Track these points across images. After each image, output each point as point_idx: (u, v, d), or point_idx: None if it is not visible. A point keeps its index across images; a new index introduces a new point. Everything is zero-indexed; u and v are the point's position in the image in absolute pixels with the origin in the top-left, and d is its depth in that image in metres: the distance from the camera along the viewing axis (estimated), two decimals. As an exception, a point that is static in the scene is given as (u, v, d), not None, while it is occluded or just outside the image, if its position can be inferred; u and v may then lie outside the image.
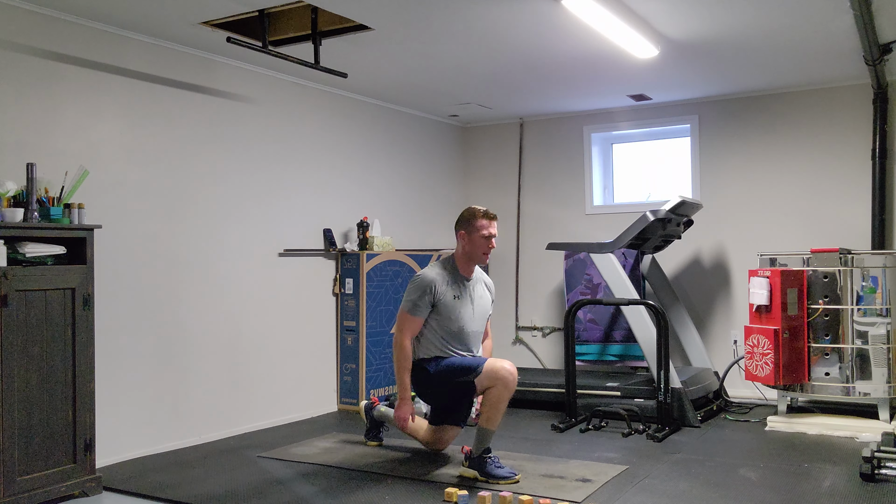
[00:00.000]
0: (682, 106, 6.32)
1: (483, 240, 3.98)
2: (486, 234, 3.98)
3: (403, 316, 3.96)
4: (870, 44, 4.45)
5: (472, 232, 4.00)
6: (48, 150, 3.93)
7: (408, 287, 4.01)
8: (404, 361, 3.93)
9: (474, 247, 4.01)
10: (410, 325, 3.94)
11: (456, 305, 3.99)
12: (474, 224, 3.99)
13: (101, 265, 4.00)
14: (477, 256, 4.04)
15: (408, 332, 3.94)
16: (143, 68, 4.42)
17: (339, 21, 4.24)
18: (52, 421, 3.52)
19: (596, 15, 3.96)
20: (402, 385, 3.95)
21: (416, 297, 3.92)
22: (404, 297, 4.00)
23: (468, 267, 4.09)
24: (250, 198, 5.08)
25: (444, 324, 3.98)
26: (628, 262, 5.89)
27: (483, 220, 3.99)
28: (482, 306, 4.14)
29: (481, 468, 3.79)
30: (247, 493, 3.66)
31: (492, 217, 4.01)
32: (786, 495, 3.53)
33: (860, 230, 5.62)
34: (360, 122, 6.02)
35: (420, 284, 3.95)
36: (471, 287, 4.10)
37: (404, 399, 3.96)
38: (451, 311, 3.97)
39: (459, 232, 4.05)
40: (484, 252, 4.02)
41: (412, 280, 4.01)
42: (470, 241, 4.01)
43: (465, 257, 4.06)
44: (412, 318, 3.94)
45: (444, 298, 3.96)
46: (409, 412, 3.98)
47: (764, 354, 4.81)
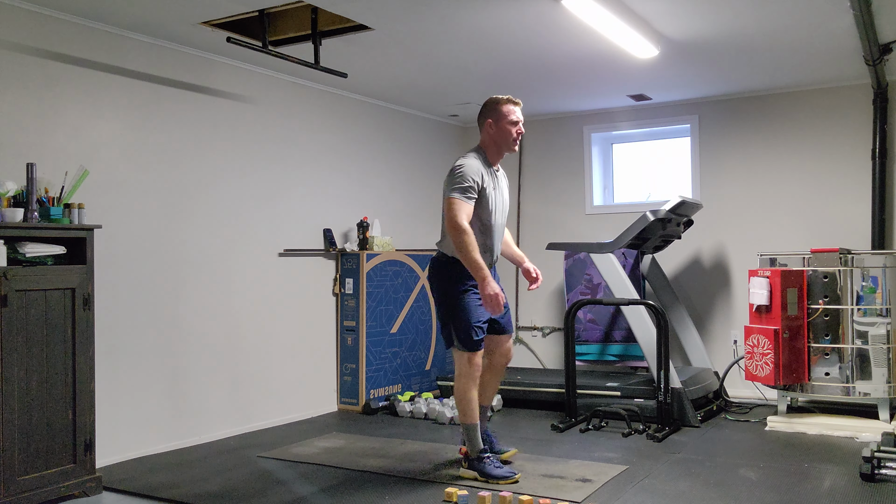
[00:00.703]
0: (682, 106, 6.32)
1: (511, 125, 3.84)
2: (514, 119, 3.84)
3: (457, 202, 3.68)
4: (870, 44, 4.45)
5: (499, 119, 3.85)
6: (48, 150, 3.93)
7: (452, 175, 3.75)
8: (471, 241, 3.65)
9: (503, 134, 3.86)
10: (466, 209, 3.69)
11: (492, 196, 3.84)
12: (500, 111, 3.84)
13: (101, 265, 4.00)
14: (507, 143, 3.88)
15: (465, 216, 3.68)
16: (143, 68, 4.42)
17: (339, 21, 4.24)
18: (52, 421, 3.52)
19: (596, 15, 3.96)
20: (477, 265, 3.64)
21: (469, 184, 3.70)
22: (451, 184, 3.73)
23: (497, 157, 3.93)
24: (250, 198, 5.08)
25: (482, 215, 3.80)
26: (628, 262, 5.89)
27: (509, 106, 3.85)
28: (507, 198, 4.03)
29: (480, 469, 3.78)
30: (247, 493, 3.66)
31: (517, 102, 3.90)
32: (786, 495, 3.53)
33: (860, 230, 5.62)
34: (360, 122, 6.02)
35: (468, 172, 3.73)
36: (499, 178, 3.98)
37: (485, 278, 3.64)
38: (489, 201, 3.81)
39: (486, 121, 3.87)
40: (514, 138, 3.87)
41: (456, 167, 3.76)
42: (498, 128, 3.85)
43: (495, 146, 3.90)
44: (467, 203, 3.70)
45: (486, 188, 3.79)
46: (496, 287, 3.67)
47: (764, 354, 4.81)
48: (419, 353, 6.16)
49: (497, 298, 3.66)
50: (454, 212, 3.68)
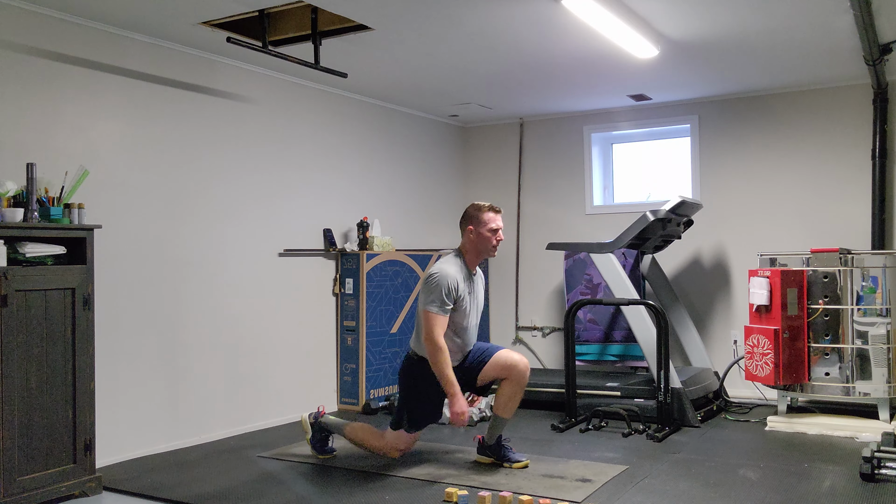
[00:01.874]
0: (682, 106, 6.32)
1: (491, 233, 4.00)
2: (494, 227, 4.00)
3: (432, 317, 3.85)
4: (870, 44, 4.44)
5: (479, 227, 4.00)
6: (48, 150, 3.93)
7: (428, 285, 3.89)
8: (445, 358, 3.83)
9: (483, 241, 4.01)
10: (442, 323, 3.85)
11: (468, 301, 4.00)
12: (481, 218, 4.00)
13: (101, 265, 4.00)
14: (486, 250, 4.04)
15: (440, 330, 3.85)
16: (143, 68, 4.42)
17: (339, 21, 4.24)
18: (52, 421, 3.52)
19: (596, 15, 3.96)
20: (449, 382, 3.83)
21: (444, 296, 3.84)
22: (426, 296, 3.89)
23: (476, 261, 4.10)
24: (250, 198, 5.08)
25: (458, 320, 3.96)
26: (628, 262, 5.89)
27: (489, 214, 4.01)
28: (481, 300, 4.19)
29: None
30: (247, 493, 3.66)
31: (497, 210, 4.05)
32: (786, 495, 3.53)
33: (860, 230, 5.62)
34: (360, 123, 6.02)
35: (443, 282, 3.86)
36: (475, 281, 4.13)
37: (455, 395, 3.83)
38: (465, 307, 3.97)
39: (467, 227, 4.03)
40: (493, 245, 4.02)
41: (432, 277, 3.89)
42: (478, 235, 4.01)
43: (475, 252, 4.05)
44: (443, 317, 3.86)
45: (462, 295, 3.94)
46: (465, 405, 3.85)
47: (764, 354, 4.81)
48: (419, 353, 6.15)
49: (462, 417, 3.85)
50: (430, 326, 3.85)
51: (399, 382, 4.16)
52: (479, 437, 4.17)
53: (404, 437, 4.08)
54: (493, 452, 4.09)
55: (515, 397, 4.04)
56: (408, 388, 4.07)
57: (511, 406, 4.05)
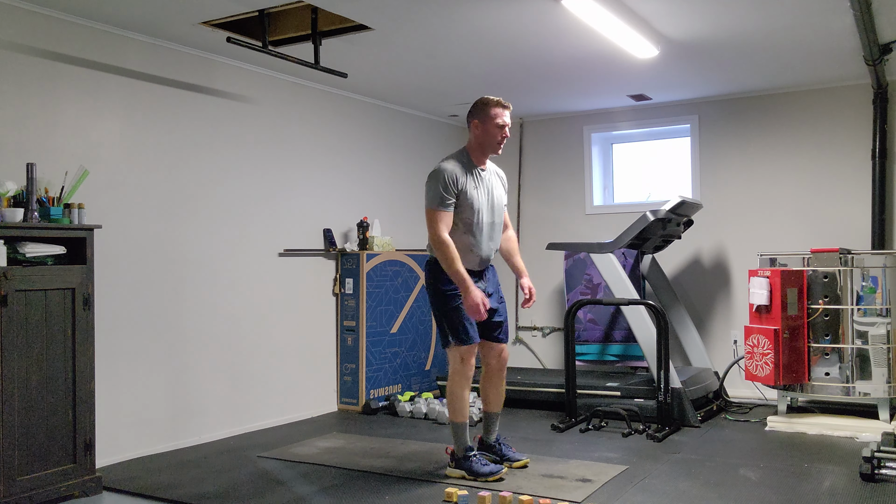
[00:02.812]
0: (682, 106, 6.32)
1: (497, 128, 3.85)
2: (501, 123, 3.85)
3: (433, 213, 3.73)
4: (870, 44, 4.44)
5: (485, 120, 3.85)
6: (48, 150, 3.93)
7: (428, 183, 3.79)
8: (452, 253, 3.70)
9: (488, 136, 3.87)
10: (444, 219, 3.73)
11: (476, 196, 3.84)
12: (488, 112, 3.85)
13: (101, 265, 4.00)
14: (491, 146, 3.90)
15: (443, 226, 3.72)
16: (143, 68, 4.42)
17: (339, 21, 4.24)
18: (52, 421, 3.52)
19: (596, 15, 3.96)
20: (461, 276, 3.68)
21: (442, 190, 3.73)
22: (427, 194, 3.77)
23: (482, 157, 3.96)
24: (250, 198, 5.08)
25: (466, 216, 3.82)
26: (628, 262, 5.89)
27: (497, 108, 3.85)
28: (499, 197, 4.01)
29: (467, 468, 3.82)
30: (247, 493, 3.66)
31: (505, 105, 3.90)
32: (786, 495, 3.53)
33: (860, 230, 5.62)
34: (359, 122, 6.02)
35: (440, 177, 3.75)
36: (487, 178, 3.97)
37: (468, 288, 3.68)
38: (472, 201, 3.82)
39: (472, 121, 3.89)
40: (498, 141, 3.88)
41: (431, 175, 3.79)
42: (483, 129, 3.86)
43: (479, 147, 3.91)
44: (444, 211, 3.73)
45: (464, 188, 3.81)
46: (479, 296, 3.69)
47: (764, 354, 4.81)
48: (419, 353, 6.16)
49: (477, 307, 3.69)
50: (432, 223, 3.75)
51: (428, 295, 3.98)
52: (479, 436, 4.15)
53: (461, 350, 3.82)
54: (493, 452, 4.07)
55: (501, 388, 4.06)
56: (435, 296, 3.88)
57: (500, 399, 4.07)
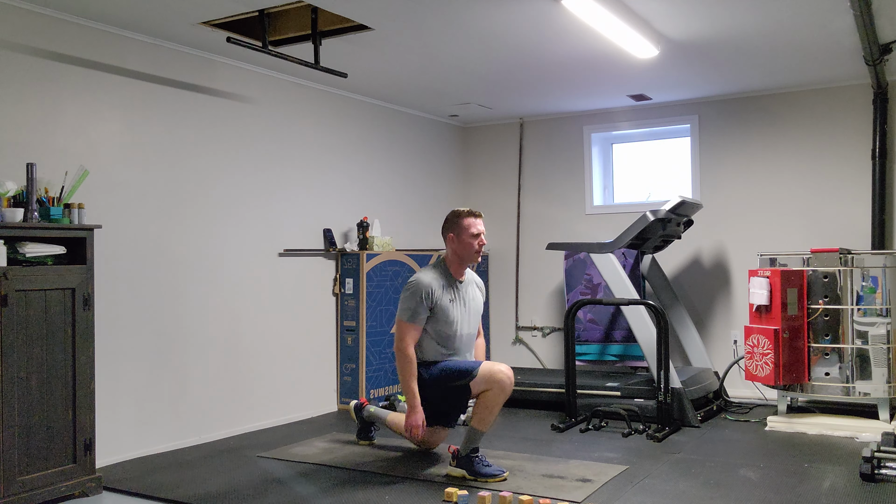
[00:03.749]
0: (682, 106, 6.32)
1: (472, 238, 3.99)
2: (475, 232, 3.99)
3: (403, 326, 3.92)
4: (870, 44, 4.45)
5: (459, 233, 4.00)
6: (48, 150, 3.93)
7: (403, 295, 3.96)
8: (410, 369, 3.89)
9: (464, 247, 4.01)
10: (412, 333, 3.92)
11: (451, 309, 3.99)
12: (461, 224, 4.00)
13: (101, 265, 4.00)
14: (469, 257, 4.04)
15: (410, 340, 3.91)
16: (143, 68, 4.42)
17: (339, 21, 4.24)
18: (52, 421, 3.52)
19: (596, 15, 3.96)
20: (411, 393, 3.90)
21: (415, 305, 3.90)
22: (400, 305, 3.95)
23: (460, 269, 4.09)
24: (250, 198, 5.08)
25: (441, 328, 3.98)
26: (628, 262, 5.89)
27: (469, 219, 4.00)
28: (475, 308, 4.16)
29: (469, 467, 3.82)
30: (247, 493, 3.66)
31: (477, 215, 4.03)
32: (786, 495, 3.53)
33: (860, 230, 5.62)
34: (360, 122, 6.02)
35: (416, 291, 3.91)
36: (463, 289, 4.10)
37: (414, 407, 3.90)
38: (447, 314, 3.97)
39: (448, 235, 4.05)
40: (475, 251, 4.02)
41: (406, 287, 3.96)
42: (459, 242, 4.01)
43: (457, 259, 4.06)
44: (413, 325, 3.91)
45: (440, 303, 3.95)
46: (420, 419, 3.91)
47: (764, 354, 4.81)
48: (419, 353, 6.15)
49: (416, 430, 3.91)
50: (399, 335, 3.94)
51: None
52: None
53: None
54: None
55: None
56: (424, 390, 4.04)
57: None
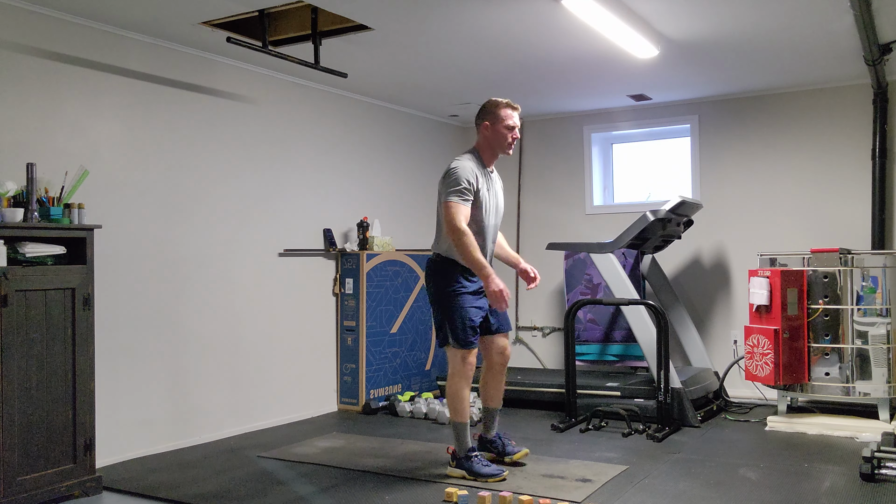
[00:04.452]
0: (682, 106, 6.32)
1: (507, 130, 3.90)
2: (511, 124, 3.91)
3: (454, 206, 3.73)
4: (870, 44, 4.45)
5: (495, 122, 3.90)
6: (48, 150, 3.93)
7: (447, 177, 3.80)
8: (472, 241, 3.70)
9: (498, 137, 3.92)
10: (464, 212, 3.74)
11: (486, 197, 3.89)
12: (498, 114, 3.90)
13: (101, 265, 4.00)
14: (501, 147, 3.95)
15: (462, 217, 3.73)
16: (143, 68, 4.42)
17: (339, 21, 4.24)
18: (52, 421, 3.52)
19: (596, 15, 3.96)
20: (480, 264, 3.69)
21: (464, 186, 3.75)
22: (447, 187, 3.78)
23: (492, 159, 3.99)
24: (250, 198, 5.08)
25: (477, 216, 3.84)
26: (628, 262, 5.89)
27: (507, 110, 3.91)
28: (501, 201, 4.07)
29: (468, 468, 3.82)
30: (247, 493, 3.66)
31: (514, 107, 3.94)
32: (786, 495, 3.53)
33: (860, 230, 5.62)
34: (360, 122, 6.02)
35: (462, 173, 3.78)
36: (494, 180, 4.03)
37: (489, 275, 3.69)
38: (483, 202, 3.86)
39: (483, 123, 3.93)
40: (508, 142, 3.94)
41: (450, 170, 3.81)
42: (493, 131, 3.91)
43: (489, 149, 3.95)
44: (464, 205, 3.75)
45: (480, 189, 3.86)
46: (501, 283, 3.70)
47: (764, 354, 4.81)
48: (419, 353, 6.16)
49: (502, 294, 3.69)
50: (452, 214, 3.73)
51: (428, 293, 3.98)
52: (478, 434, 4.14)
53: (462, 351, 3.81)
54: (493, 447, 4.07)
55: (501, 384, 4.06)
56: (438, 296, 3.87)
57: (500, 394, 4.07)
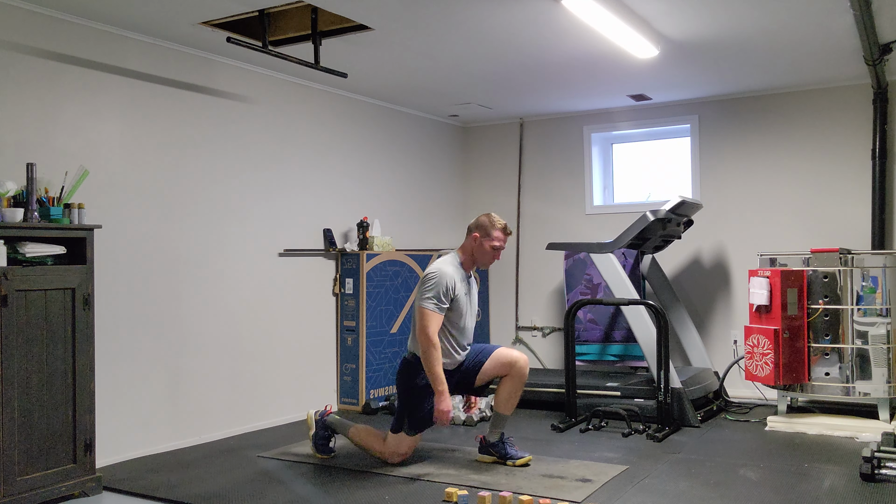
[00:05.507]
0: (682, 106, 6.32)
1: (493, 250, 4.14)
2: (497, 246, 4.14)
3: (428, 314, 3.92)
4: (870, 44, 4.45)
5: (485, 238, 4.13)
6: (48, 149, 3.93)
7: (425, 283, 3.98)
8: (437, 354, 3.90)
9: (483, 253, 4.14)
10: (436, 320, 3.94)
11: (465, 301, 4.10)
12: (491, 234, 4.12)
13: (101, 265, 4.00)
14: (482, 262, 4.19)
15: (435, 327, 3.92)
16: (143, 68, 4.42)
17: (339, 21, 4.24)
18: (52, 421, 3.52)
19: (596, 15, 3.96)
20: (439, 379, 3.89)
21: (441, 294, 3.94)
22: (422, 293, 3.96)
23: (471, 267, 4.22)
24: (250, 198, 5.08)
25: (454, 319, 4.06)
26: (628, 262, 5.89)
27: (500, 233, 4.14)
28: (475, 303, 4.29)
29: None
30: (247, 493, 3.66)
31: (509, 233, 4.20)
32: (786, 495, 3.53)
33: (860, 230, 5.62)
34: (360, 122, 6.03)
35: (440, 281, 3.96)
36: (471, 284, 4.24)
37: (442, 392, 3.89)
38: (461, 307, 4.07)
39: (474, 234, 4.15)
40: (489, 261, 4.18)
41: (430, 275, 3.99)
42: (481, 246, 4.13)
43: (471, 258, 4.18)
44: (438, 315, 3.94)
45: (458, 295, 4.04)
46: (450, 405, 3.91)
47: (764, 354, 4.81)
48: (419, 353, 6.15)
49: (446, 416, 3.91)
50: (425, 322, 3.93)
51: (398, 385, 4.19)
52: (481, 436, 4.19)
53: (406, 440, 4.08)
54: (496, 450, 4.11)
55: (516, 394, 4.12)
56: (407, 390, 4.09)
57: (512, 403, 4.12)
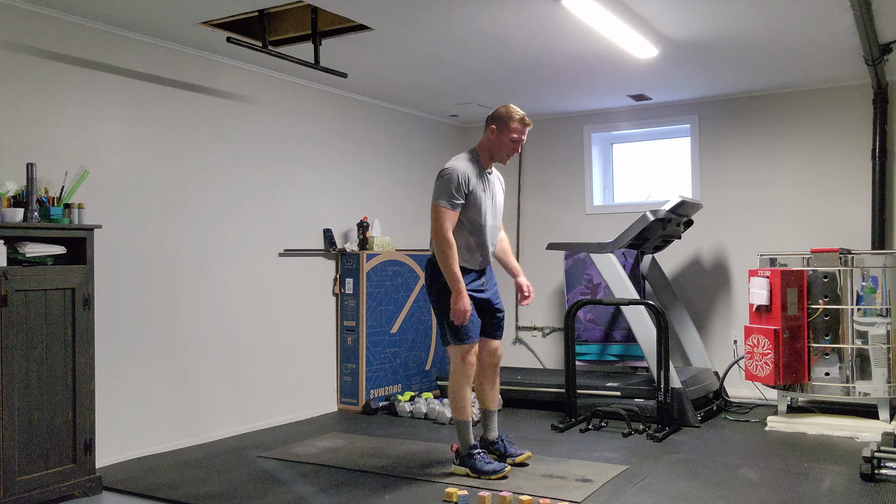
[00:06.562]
0: (682, 106, 6.32)
1: (511, 142, 3.90)
2: (516, 138, 3.90)
3: (442, 211, 3.76)
4: (870, 44, 4.45)
5: (503, 130, 3.89)
6: (48, 149, 3.93)
7: (439, 180, 3.81)
8: (452, 253, 3.74)
9: (500, 146, 3.92)
10: (451, 217, 3.78)
11: (483, 198, 3.90)
12: (508, 125, 3.88)
13: (101, 265, 4.00)
14: (500, 156, 3.96)
15: (449, 224, 3.76)
16: (143, 68, 4.42)
17: (339, 21, 4.24)
18: (52, 421, 3.52)
19: (596, 15, 3.96)
20: (455, 277, 3.73)
21: (454, 189, 3.77)
22: (437, 190, 3.80)
23: (489, 162, 4.00)
24: (250, 198, 5.08)
25: (472, 215, 3.87)
26: (628, 262, 5.89)
27: (517, 125, 3.88)
28: (500, 201, 4.08)
29: (471, 465, 3.85)
30: (247, 493, 3.66)
31: (527, 124, 3.92)
32: (786, 495, 3.53)
33: (860, 230, 5.62)
34: (360, 122, 6.03)
35: (453, 177, 3.79)
36: (491, 182, 4.02)
37: (460, 291, 3.74)
38: (479, 203, 3.87)
39: (491, 126, 3.92)
40: (508, 153, 3.94)
41: (442, 172, 3.82)
42: (498, 138, 3.91)
43: (489, 152, 3.97)
44: (452, 211, 3.78)
45: (474, 190, 3.86)
46: (468, 304, 3.75)
47: (764, 354, 4.81)
48: (419, 353, 6.16)
49: (463, 314, 3.75)
50: (439, 220, 3.77)
51: (429, 294, 3.99)
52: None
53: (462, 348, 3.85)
54: (495, 448, 4.08)
55: (496, 385, 4.12)
56: (437, 295, 3.90)
57: (496, 395, 4.13)
